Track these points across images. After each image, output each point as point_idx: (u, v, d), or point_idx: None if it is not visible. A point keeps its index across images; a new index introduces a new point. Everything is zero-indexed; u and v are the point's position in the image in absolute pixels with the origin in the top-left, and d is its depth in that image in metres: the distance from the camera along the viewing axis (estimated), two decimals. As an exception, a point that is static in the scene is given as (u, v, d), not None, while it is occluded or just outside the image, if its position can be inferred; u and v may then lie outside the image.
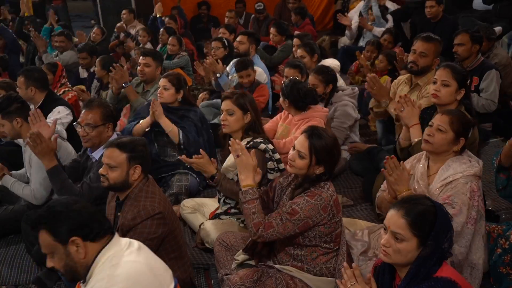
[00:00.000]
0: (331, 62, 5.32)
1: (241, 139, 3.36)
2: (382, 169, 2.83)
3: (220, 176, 3.32)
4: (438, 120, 2.86)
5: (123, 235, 2.71)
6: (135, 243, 2.17)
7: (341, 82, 5.20)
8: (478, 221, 2.78)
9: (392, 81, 4.39)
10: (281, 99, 4.12)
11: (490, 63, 5.11)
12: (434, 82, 3.51)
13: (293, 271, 2.76)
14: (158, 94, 4.30)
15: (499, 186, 3.29)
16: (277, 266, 2.81)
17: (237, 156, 2.81)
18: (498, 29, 6.56)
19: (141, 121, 4.25)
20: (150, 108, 4.14)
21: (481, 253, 2.86)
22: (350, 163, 4.59)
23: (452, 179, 2.78)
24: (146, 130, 4.22)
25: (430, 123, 2.92)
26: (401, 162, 2.83)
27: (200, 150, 3.34)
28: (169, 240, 2.81)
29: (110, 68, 5.04)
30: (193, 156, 3.31)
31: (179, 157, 3.46)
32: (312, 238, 2.73)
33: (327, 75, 4.38)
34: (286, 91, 4.00)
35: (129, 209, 2.73)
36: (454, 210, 2.71)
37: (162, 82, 4.26)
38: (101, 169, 2.81)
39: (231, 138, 3.00)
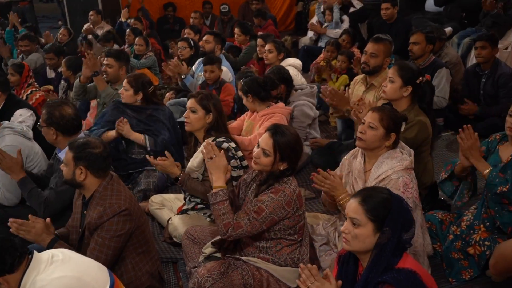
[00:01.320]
0: (293, 62, 5.35)
1: (204, 138, 3.35)
2: (313, 184, 2.86)
3: (184, 177, 3.30)
4: (369, 117, 2.89)
5: (90, 233, 2.68)
6: (59, 254, 2.06)
7: (302, 80, 5.24)
8: (414, 210, 2.81)
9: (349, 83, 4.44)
10: (244, 100, 4.12)
11: (441, 61, 5.23)
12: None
13: (258, 262, 2.77)
14: (120, 94, 4.26)
15: (448, 193, 3.36)
16: (243, 258, 2.81)
17: (210, 158, 2.80)
18: (448, 29, 6.71)
19: (108, 133, 4.17)
20: (116, 125, 4.07)
21: (421, 240, 2.90)
22: (312, 158, 4.63)
23: (384, 176, 2.81)
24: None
25: (362, 120, 2.95)
26: (328, 170, 2.87)
27: (166, 152, 3.33)
28: (137, 236, 2.77)
29: (84, 54, 4.94)
30: (158, 158, 3.30)
31: (146, 157, 3.42)
32: (277, 232, 2.74)
33: (277, 76, 4.38)
34: (246, 87, 4.04)
35: (94, 207, 2.68)
36: None
37: (123, 83, 4.24)
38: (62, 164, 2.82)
39: (206, 140, 2.99)
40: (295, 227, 2.75)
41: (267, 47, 5.38)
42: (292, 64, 5.25)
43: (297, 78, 5.13)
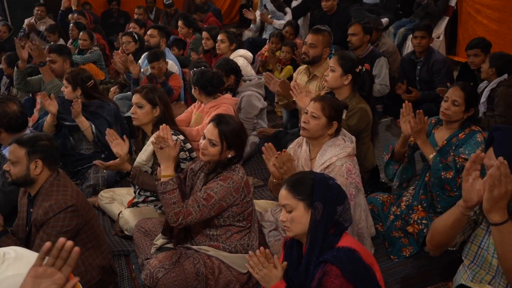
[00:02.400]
0: (244, 53, 5.32)
1: (152, 132, 3.30)
2: (273, 163, 2.84)
3: (135, 171, 3.24)
4: (311, 107, 2.92)
5: (37, 230, 2.59)
6: (11, 251, 1.94)
7: (252, 72, 5.24)
8: (357, 195, 2.88)
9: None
10: (192, 89, 4.09)
11: (379, 51, 5.35)
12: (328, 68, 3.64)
13: (209, 250, 2.76)
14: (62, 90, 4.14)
15: (389, 176, 3.45)
16: (194, 247, 2.80)
17: (160, 148, 2.76)
18: (384, 20, 6.88)
19: (46, 120, 4.03)
20: (71, 107, 3.93)
21: (364, 222, 2.98)
22: (260, 147, 4.64)
23: (329, 163, 2.86)
24: (54, 124, 4.02)
25: (305, 110, 2.98)
26: (289, 154, 2.84)
27: (108, 131, 3.27)
28: (85, 231, 2.70)
29: (29, 43, 4.74)
30: (104, 162, 3.25)
31: (94, 162, 3.34)
32: (226, 218, 2.74)
33: (226, 67, 4.37)
34: (194, 79, 4.01)
35: (40, 204, 2.59)
36: None
37: (64, 80, 4.12)
38: (5, 165, 2.68)
39: (158, 131, 2.94)
40: (244, 213, 2.76)
41: (219, 37, 5.33)
42: (243, 55, 5.24)
43: (247, 69, 5.13)
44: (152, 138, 2.90)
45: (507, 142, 1.99)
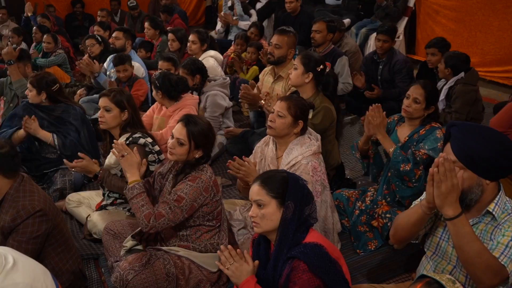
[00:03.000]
0: (214, 54, 5.30)
1: (120, 135, 3.25)
2: (228, 170, 2.89)
3: (103, 173, 3.19)
4: (277, 106, 2.95)
5: (5, 237, 2.51)
6: (9, 257, 1.87)
7: (222, 73, 5.23)
8: (323, 192, 2.92)
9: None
10: (154, 92, 4.05)
11: (340, 50, 5.43)
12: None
13: (179, 250, 2.75)
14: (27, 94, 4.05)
15: (364, 169, 3.53)
16: (164, 248, 2.78)
17: (122, 156, 2.74)
18: (347, 21, 6.98)
19: (18, 133, 3.94)
20: (23, 123, 3.85)
21: (331, 218, 3.02)
22: (227, 147, 4.65)
23: (295, 161, 2.89)
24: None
25: (272, 109, 3.01)
26: (244, 157, 2.92)
27: (80, 153, 3.19)
28: (54, 235, 2.64)
29: None
30: (74, 161, 3.15)
31: (64, 160, 3.27)
32: (196, 219, 2.73)
33: (192, 67, 4.35)
34: (158, 83, 3.94)
35: (7, 210, 2.50)
36: None
37: (28, 84, 4.03)
38: None
39: (114, 141, 2.91)
40: (213, 213, 2.76)
41: (190, 38, 5.29)
42: (213, 56, 5.22)
43: (218, 69, 5.13)
44: (113, 148, 2.86)
45: (463, 138, 2.05)
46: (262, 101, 3.95)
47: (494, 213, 2.06)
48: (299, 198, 2.13)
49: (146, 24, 6.72)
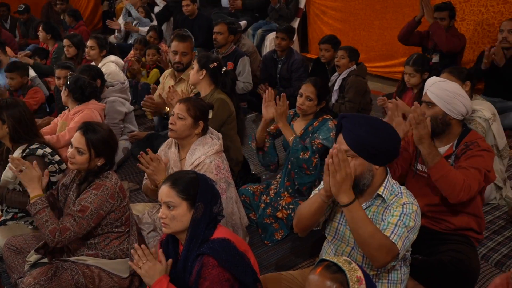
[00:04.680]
0: (115, 59, 5.10)
1: (13, 148, 3.02)
2: (138, 164, 2.81)
3: (2, 190, 2.96)
4: (177, 109, 2.91)
5: None
6: None
7: (125, 77, 5.05)
8: (228, 189, 2.94)
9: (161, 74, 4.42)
10: (63, 91, 3.84)
11: (241, 51, 5.50)
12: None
13: (88, 259, 2.63)
14: None
15: (260, 161, 3.59)
16: (71, 258, 2.64)
17: (20, 171, 2.54)
18: (243, 23, 7.06)
19: None
20: None
21: (238, 214, 3.05)
22: (132, 151, 4.51)
23: (198, 161, 2.87)
24: None
25: (172, 112, 2.96)
26: (157, 154, 2.86)
27: None
28: None
29: None
30: None
31: None
32: (104, 226, 2.63)
33: (92, 72, 4.18)
34: (68, 82, 3.80)
35: None
36: None
37: None
38: None
39: (9, 156, 2.70)
40: (121, 219, 2.66)
41: (89, 43, 5.05)
42: (114, 61, 5.02)
43: (120, 74, 4.94)
44: (9, 164, 2.65)
45: (353, 128, 2.16)
46: (167, 108, 3.86)
47: (383, 195, 2.19)
48: (209, 199, 2.13)
49: (40, 29, 6.33)
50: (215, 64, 3.59)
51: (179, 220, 2.11)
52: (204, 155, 2.88)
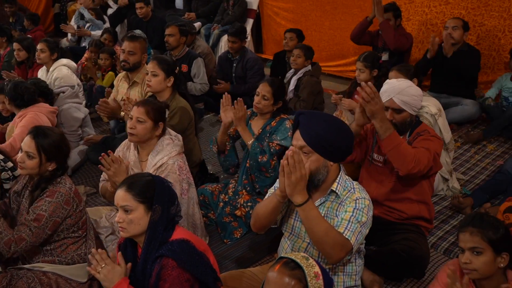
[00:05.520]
0: (67, 62, 4.90)
1: None
2: (99, 165, 2.74)
3: None
4: (136, 112, 2.83)
5: None
6: None
7: (78, 81, 4.89)
8: (189, 189, 2.92)
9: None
10: (4, 100, 3.70)
11: (195, 52, 5.46)
12: (147, 74, 3.57)
13: (44, 266, 2.54)
14: None
15: (222, 163, 3.56)
16: (27, 266, 2.54)
17: None
18: (197, 24, 7.01)
19: None
20: None
21: (198, 214, 3.03)
22: (89, 155, 4.39)
23: (161, 163, 2.83)
24: None
25: (130, 115, 2.90)
26: (118, 156, 2.80)
27: None
28: None
29: None
30: None
31: None
32: (60, 232, 2.55)
33: (36, 86, 4.01)
34: (6, 89, 3.67)
35: None
36: None
37: None
38: None
39: None
40: (78, 223, 2.59)
41: (39, 46, 4.83)
42: (66, 64, 4.84)
43: (73, 77, 4.75)
44: None
45: (310, 124, 2.18)
46: (123, 112, 3.78)
47: (337, 191, 2.23)
48: (165, 201, 2.09)
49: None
50: (178, 69, 3.55)
51: (137, 224, 2.06)
52: (167, 156, 2.83)
